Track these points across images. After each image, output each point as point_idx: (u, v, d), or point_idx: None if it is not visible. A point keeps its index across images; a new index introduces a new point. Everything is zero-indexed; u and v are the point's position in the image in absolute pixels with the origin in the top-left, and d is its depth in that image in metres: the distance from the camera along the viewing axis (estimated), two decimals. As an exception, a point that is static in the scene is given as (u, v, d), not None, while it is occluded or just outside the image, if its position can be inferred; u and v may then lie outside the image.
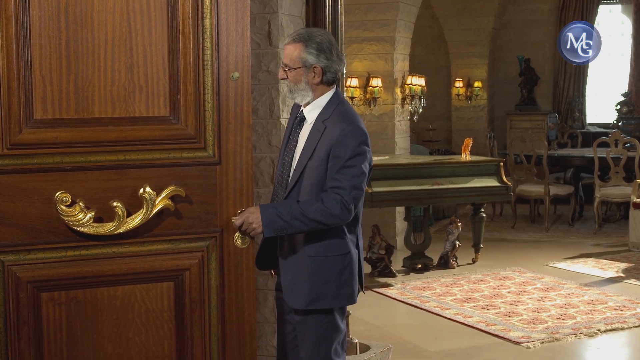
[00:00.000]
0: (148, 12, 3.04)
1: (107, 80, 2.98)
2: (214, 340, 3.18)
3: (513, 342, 6.14)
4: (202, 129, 3.12)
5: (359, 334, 5.63)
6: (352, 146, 3.59)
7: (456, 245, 8.81)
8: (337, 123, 3.62)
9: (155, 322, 3.10)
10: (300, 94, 3.69)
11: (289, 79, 3.68)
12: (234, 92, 3.17)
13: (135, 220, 2.97)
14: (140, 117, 3.03)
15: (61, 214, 2.87)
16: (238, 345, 3.22)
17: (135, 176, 3.01)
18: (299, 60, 3.64)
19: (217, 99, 3.13)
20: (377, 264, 8.40)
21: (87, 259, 2.98)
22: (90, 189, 2.96)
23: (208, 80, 3.12)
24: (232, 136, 3.18)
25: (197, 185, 3.09)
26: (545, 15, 14.99)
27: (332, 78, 3.70)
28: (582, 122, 14.72)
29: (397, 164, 8.66)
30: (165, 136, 3.07)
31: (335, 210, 3.50)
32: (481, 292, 7.70)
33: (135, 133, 3.02)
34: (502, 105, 15.24)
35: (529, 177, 11.31)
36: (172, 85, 3.07)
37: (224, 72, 3.14)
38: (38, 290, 2.94)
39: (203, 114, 3.12)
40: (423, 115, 11.84)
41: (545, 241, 10.41)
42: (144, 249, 3.06)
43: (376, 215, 9.39)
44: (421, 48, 14.92)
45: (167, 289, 3.12)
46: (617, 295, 7.51)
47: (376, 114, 10.16)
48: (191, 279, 3.13)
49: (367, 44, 10.16)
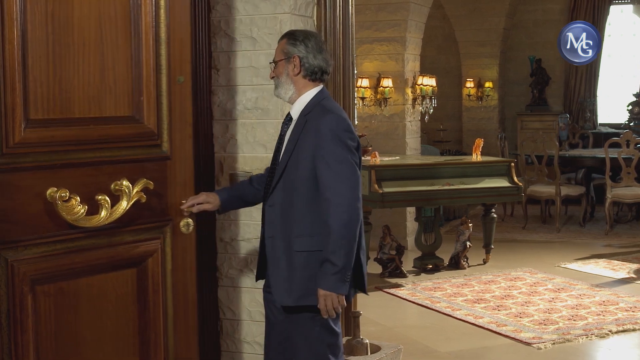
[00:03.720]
0: (116, 21, 3.30)
1: (85, 82, 3.20)
2: (169, 320, 3.49)
3: (524, 343, 6.12)
4: (160, 127, 3.45)
5: (370, 334, 5.63)
6: (333, 136, 3.61)
7: (467, 245, 8.80)
8: (318, 115, 3.67)
9: (123, 307, 3.35)
10: (282, 88, 3.77)
11: (274, 75, 3.80)
12: (179, 94, 3.54)
13: (117, 212, 3.20)
14: (110, 116, 3.29)
15: (61, 209, 3.04)
16: (184, 322, 3.58)
17: (109, 172, 3.25)
18: (281, 52, 3.76)
19: (168, 100, 3.47)
20: (388, 264, 8.40)
21: (75, 251, 3.17)
22: (77, 185, 3.14)
23: (163, 83, 3.45)
24: (179, 133, 3.55)
25: (156, 178, 3.38)
26: (557, 15, 14.96)
27: (312, 71, 3.75)
28: (593, 122, 14.68)
29: (407, 164, 8.66)
30: (133, 134, 3.36)
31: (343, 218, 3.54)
32: (492, 292, 7.69)
33: (109, 132, 3.28)
34: (513, 105, 15.21)
35: (540, 177, 11.29)
36: (136, 88, 3.36)
37: (173, 76, 3.49)
38: (34, 284, 3.06)
39: (160, 114, 3.45)
40: (434, 115, 11.83)
41: (556, 242, 10.39)
42: (118, 239, 3.30)
43: (387, 215, 9.39)
44: (432, 48, 14.90)
45: (132, 275, 3.38)
46: (629, 296, 7.49)
47: (387, 114, 10.16)
48: (153, 265, 3.44)
49: (378, 45, 10.17)
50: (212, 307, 4.68)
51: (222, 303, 4.71)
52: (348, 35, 5.07)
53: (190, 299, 3.64)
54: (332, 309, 3.55)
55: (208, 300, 4.66)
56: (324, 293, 3.53)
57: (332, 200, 3.53)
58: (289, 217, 3.67)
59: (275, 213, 3.71)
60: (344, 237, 3.52)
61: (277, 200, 3.71)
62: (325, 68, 3.79)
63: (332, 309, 3.56)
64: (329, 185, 3.55)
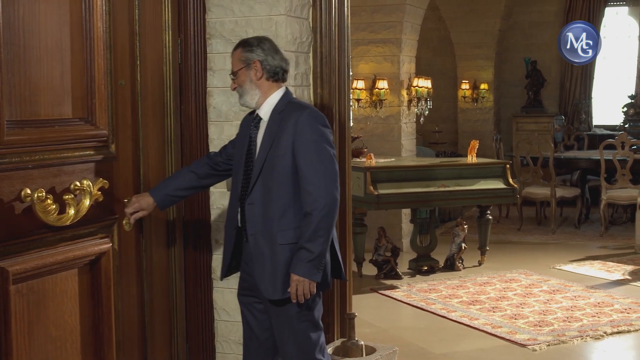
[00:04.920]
0: (71, 28, 3.39)
1: (48, 85, 3.30)
2: (116, 313, 3.66)
3: (519, 345, 6.13)
4: (109, 129, 3.60)
5: (365, 336, 5.62)
6: (313, 129, 3.71)
7: (462, 247, 8.80)
8: (293, 111, 3.75)
9: (81, 303, 3.47)
10: (249, 95, 3.82)
11: (237, 84, 3.84)
12: (122, 97, 3.73)
13: (82, 211, 3.31)
14: (69, 118, 3.41)
15: (38, 209, 3.12)
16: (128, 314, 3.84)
17: (68, 172, 3.36)
18: (238, 61, 3.81)
19: (114, 103, 3.64)
20: (383, 266, 8.40)
21: (45, 250, 3.26)
22: (46, 185, 3.23)
23: (110, 87, 3.61)
24: (122, 135, 3.73)
25: (106, 178, 3.51)
26: (552, 17, 14.98)
27: (274, 72, 3.82)
28: (588, 124, 14.70)
29: (403, 166, 8.66)
30: (90, 135, 3.50)
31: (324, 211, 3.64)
32: (487, 294, 7.69)
33: (70, 133, 3.40)
34: (508, 107, 15.23)
35: (535, 179, 11.30)
36: (89, 91, 3.48)
37: (116, 80, 3.66)
38: (12, 284, 3.13)
39: (109, 116, 3.60)
40: (429, 117, 11.82)
41: (551, 243, 10.40)
42: (79, 237, 3.43)
43: (382, 217, 9.39)
44: (427, 50, 14.91)
45: (89, 272, 3.55)
46: (624, 297, 7.49)
47: (382, 116, 10.16)
48: (106, 261, 3.59)
49: (374, 46, 10.16)
50: (207, 309, 4.68)
51: (217, 305, 4.71)
52: (343, 36, 5.07)
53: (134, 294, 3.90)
54: (302, 295, 3.67)
55: (203, 302, 4.66)
56: (297, 278, 3.64)
57: (314, 193, 3.64)
58: (270, 213, 3.74)
59: (256, 210, 3.77)
60: (322, 227, 3.64)
61: (257, 198, 3.77)
62: (285, 67, 3.88)
63: (302, 295, 3.67)
64: (310, 178, 3.66)
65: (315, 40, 4.81)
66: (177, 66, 4.39)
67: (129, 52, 3.82)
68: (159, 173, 4.19)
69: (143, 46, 4.01)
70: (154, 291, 4.18)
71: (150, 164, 4.09)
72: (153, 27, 4.14)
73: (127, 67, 3.79)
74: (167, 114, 4.29)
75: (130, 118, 3.82)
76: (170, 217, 4.35)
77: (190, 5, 4.46)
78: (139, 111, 3.97)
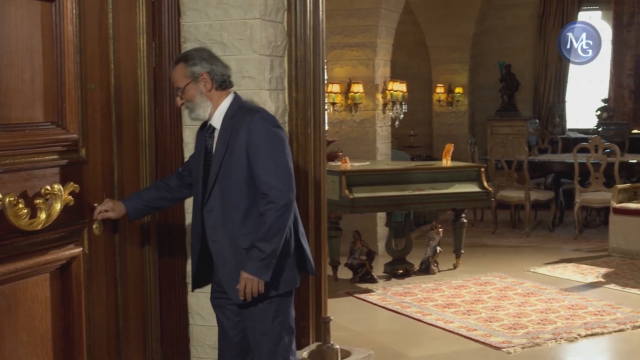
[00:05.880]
0: (41, 32, 3.38)
1: (19, 88, 3.27)
2: (86, 317, 3.63)
3: (494, 348, 6.15)
4: (79, 133, 3.58)
5: (340, 339, 5.62)
6: (265, 132, 3.70)
7: (437, 250, 8.82)
8: (246, 116, 3.75)
9: (52, 307, 3.45)
10: (201, 108, 3.79)
11: (185, 100, 3.79)
12: (91, 101, 3.69)
13: (53, 215, 3.27)
14: (40, 122, 3.39)
15: (10, 214, 3.08)
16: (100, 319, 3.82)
17: (39, 176, 3.34)
18: (185, 77, 3.75)
19: (84, 107, 3.62)
20: (358, 269, 8.40)
21: (17, 255, 3.23)
22: (17, 190, 3.20)
23: (79, 91, 3.58)
24: (93, 139, 3.70)
25: (77, 182, 3.46)
26: (526, 22, 15.07)
27: (222, 80, 3.80)
28: (562, 127, 14.79)
29: (378, 169, 8.67)
30: (61, 139, 3.48)
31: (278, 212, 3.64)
32: (462, 297, 7.71)
33: (41, 137, 3.37)
34: (482, 111, 15.29)
35: (509, 182, 11.35)
36: (60, 95, 3.47)
37: (86, 84, 3.64)
38: None
39: (79, 120, 3.59)
40: (404, 121, 11.85)
41: (525, 246, 10.44)
42: (50, 242, 3.40)
43: (357, 220, 9.39)
44: (402, 54, 14.94)
45: (59, 276, 3.48)
46: (597, 300, 7.53)
47: (357, 119, 10.17)
48: (76, 266, 3.56)
49: (349, 50, 10.17)
50: (181, 313, 4.66)
51: (192, 309, 4.69)
52: (318, 40, 5.07)
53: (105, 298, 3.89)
54: (250, 293, 3.67)
55: (177, 307, 4.64)
56: (246, 276, 3.65)
57: (270, 194, 3.65)
58: (229, 218, 3.74)
59: (215, 217, 3.78)
60: (276, 228, 3.64)
61: (216, 205, 3.77)
62: (229, 72, 3.87)
63: (250, 293, 3.67)
64: (265, 180, 3.66)
65: (290, 44, 4.81)
66: (152, 70, 4.37)
67: (99, 56, 3.80)
68: (133, 177, 4.17)
69: (117, 50, 3.99)
70: (128, 296, 4.16)
71: (124, 167, 4.07)
72: (127, 31, 4.13)
73: (97, 71, 3.77)
74: (142, 117, 4.27)
75: (100, 122, 3.80)
76: (144, 221, 4.34)
77: (165, 9, 4.45)
78: (113, 115, 3.95)
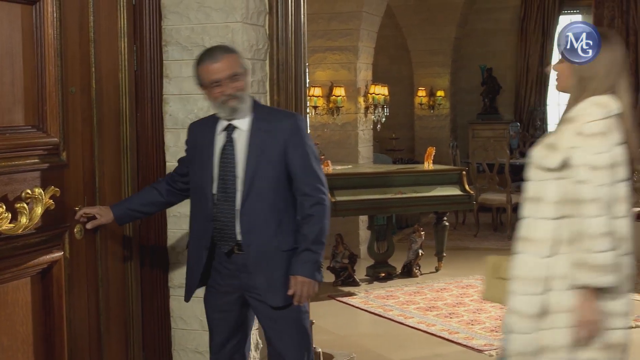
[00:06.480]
0: (22, 35, 3.37)
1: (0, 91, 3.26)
2: (67, 321, 3.61)
3: (476, 350, 6.16)
4: (60, 136, 3.57)
5: (323, 343, 5.62)
6: (306, 134, 3.76)
7: (419, 253, 8.84)
8: (283, 117, 3.79)
9: (32, 312, 3.44)
10: (245, 102, 3.74)
11: (237, 89, 3.69)
12: (72, 104, 3.67)
13: (34, 219, 3.26)
14: (20, 126, 3.38)
15: None
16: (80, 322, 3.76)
17: (20, 179, 3.33)
18: (240, 66, 3.73)
19: (65, 110, 3.60)
20: (341, 273, 8.41)
21: None
22: None
23: (60, 94, 3.56)
24: (74, 142, 3.69)
25: (57, 185, 3.45)
26: (507, 25, 15.12)
27: None
28: (543, 130, 14.83)
29: (360, 173, 8.68)
30: (41, 143, 3.46)
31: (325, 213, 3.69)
32: (444, 300, 7.73)
33: (22, 141, 3.37)
34: (464, 114, 15.33)
35: (491, 185, 11.39)
36: (40, 98, 3.45)
37: (66, 87, 3.63)
38: None
39: (59, 123, 3.57)
40: (386, 124, 11.88)
41: (507, 249, 10.36)
42: (30, 246, 3.38)
43: (339, 224, 9.38)
44: (384, 57, 14.95)
45: (40, 280, 3.48)
46: (579, 302, 7.56)
47: (339, 123, 10.18)
48: (57, 270, 3.55)
49: (330, 54, 10.18)
50: (163, 317, 4.65)
51: (174, 313, 4.68)
52: (300, 44, 5.07)
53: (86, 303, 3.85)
54: (305, 296, 3.67)
55: (159, 311, 4.62)
56: (302, 279, 3.63)
57: (315, 196, 3.66)
58: (268, 222, 3.69)
59: (251, 221, 3.69)
60: (325, 230, 3.68)
61: (250, 209, 3.68)
62: None
63: (306, 296, 3.67)
64: (308, 181, 3.67)
65: (272, 48, 4.80)
66: (133, 73, 4.34)
67: (80, 59, 3.77)
68: (115, 180, 4.15)
69: (98, 53, 3.97)
70: (109, 300, 4.14)
71: (105, 171, 4.04)
72: (108, 34, 4.11)
73: (78, 74, 3.73)
74: (123, 121, 4.24)
75: (81, 125, 3.77)
76: (126, 225, 4.31)
77: (146, 12, 4.43)
78: (94, 118, 3.93)
